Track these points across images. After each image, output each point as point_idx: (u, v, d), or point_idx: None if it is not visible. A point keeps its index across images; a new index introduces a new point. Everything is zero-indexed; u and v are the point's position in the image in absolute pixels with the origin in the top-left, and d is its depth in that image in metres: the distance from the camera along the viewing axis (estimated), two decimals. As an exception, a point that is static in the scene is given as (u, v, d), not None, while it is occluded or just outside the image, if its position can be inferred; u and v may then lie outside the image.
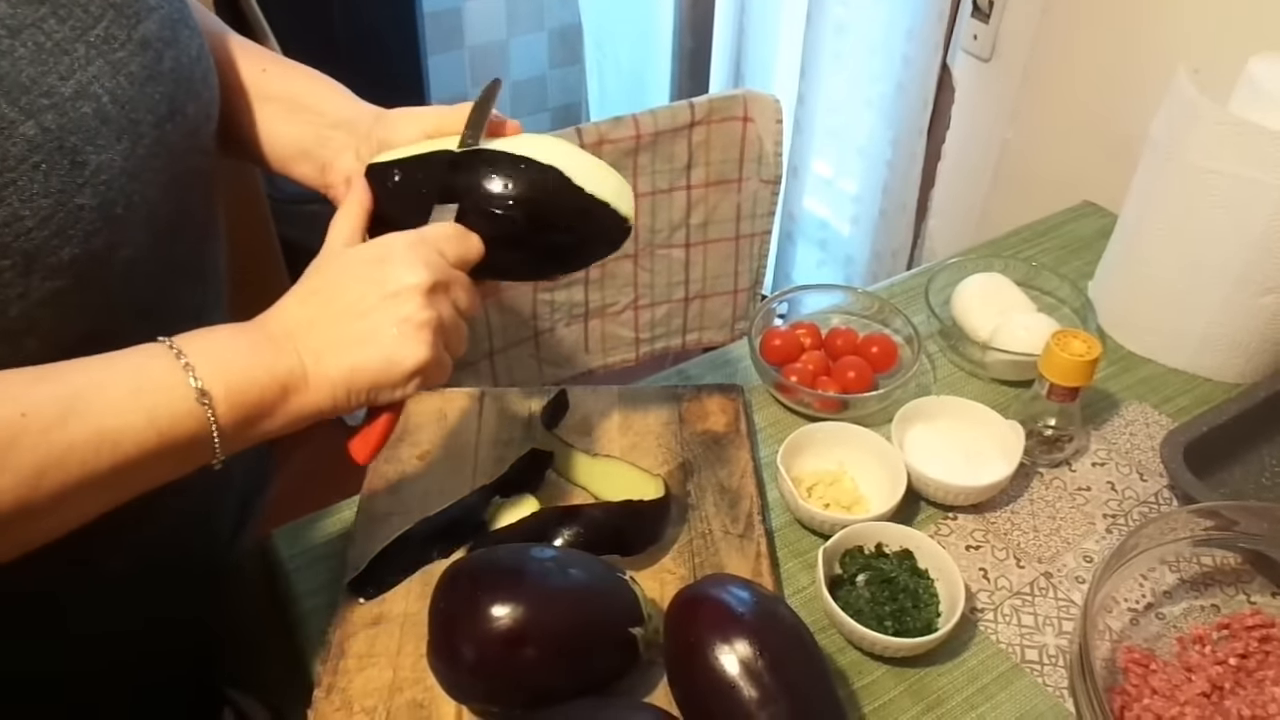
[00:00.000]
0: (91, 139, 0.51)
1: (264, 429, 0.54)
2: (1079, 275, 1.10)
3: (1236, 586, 0.78)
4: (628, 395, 0.92)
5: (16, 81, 0.48)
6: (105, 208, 0.52)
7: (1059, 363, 0.82)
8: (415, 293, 0.56)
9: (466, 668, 0.63)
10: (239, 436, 0.53)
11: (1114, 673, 0.71)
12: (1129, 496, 0.87)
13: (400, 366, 0.56)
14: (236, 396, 0.52)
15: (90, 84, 0.51)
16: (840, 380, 0.94)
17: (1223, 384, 0.98)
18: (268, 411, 0.54)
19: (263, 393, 0.53)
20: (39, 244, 0.49)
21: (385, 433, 0.60)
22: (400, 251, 0.58)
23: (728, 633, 0.61)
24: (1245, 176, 0.87)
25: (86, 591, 0.65)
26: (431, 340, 0.56)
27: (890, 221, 1.69)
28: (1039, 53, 1.39)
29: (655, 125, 1.27)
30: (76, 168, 0.50)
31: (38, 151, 0.48)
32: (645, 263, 1.40)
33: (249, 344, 0.54)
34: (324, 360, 0.55)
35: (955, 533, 0.83)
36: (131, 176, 0.53)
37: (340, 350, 0.55)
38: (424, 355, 0.56)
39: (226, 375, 0.52)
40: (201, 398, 0.51)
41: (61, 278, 0.51)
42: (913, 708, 0.70)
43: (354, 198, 0.64)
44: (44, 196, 0.48)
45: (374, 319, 0.56)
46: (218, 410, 0.51)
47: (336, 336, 0.55)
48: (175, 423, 0.50)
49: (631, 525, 0.75)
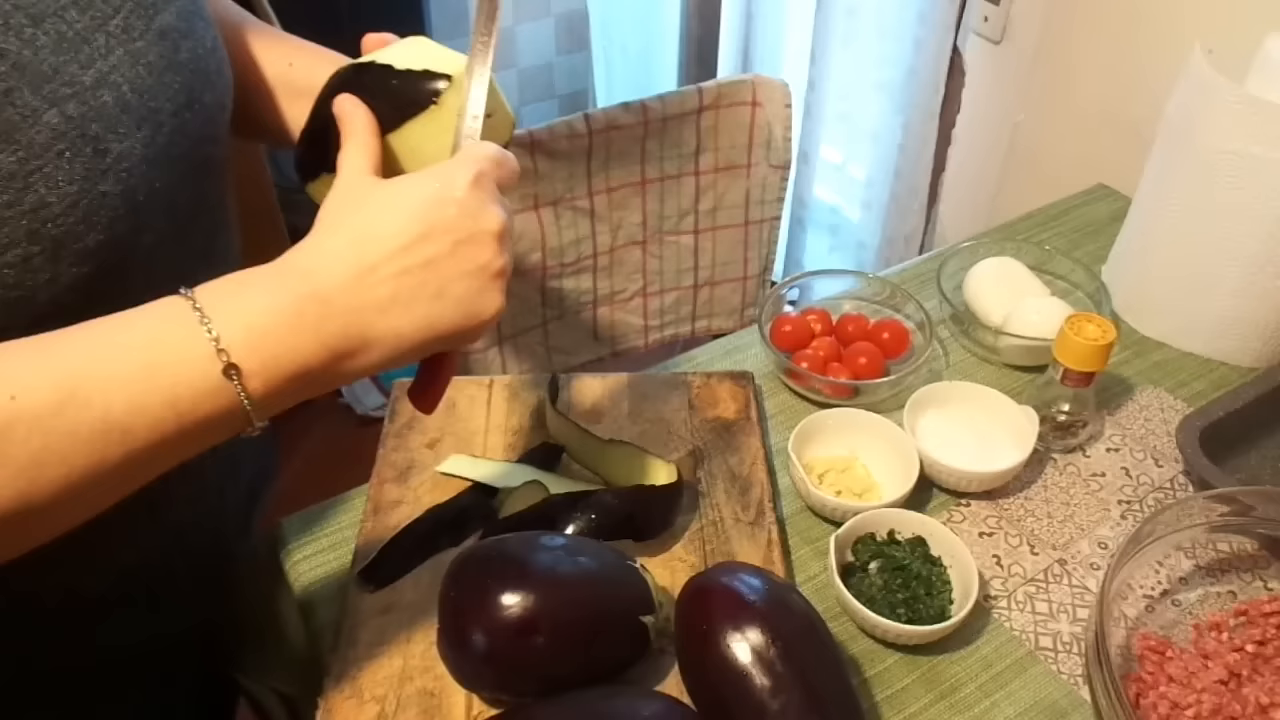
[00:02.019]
0: (113, 127, 0.51)
1: (308, 393, 0.49)
2: (1093, 259, 1.09)
3: (1254, 573, 0.78)
4: (637, 382, 0.91)
5: (39, 70, 0.48)
6: (128, 195, 0.52)
7: (1073, 347, 0.81)
8: (491, 239, 0.51)
9: (476, 656, 0.63)
10: (276, 405, 0.48)
11: (1129, 660, 0.71)
12: (1144, 482, 0.86)
13: (479, 319, 0.51)
14: (274, 369, 0.46)
15: (110, 73, 0.52)
16: (851, 366, 0.93)
17: (1239, 368, 0.97)
18: (313, 380, 0.48)
19: (308, 362, 0.47)
20: (66, 230, 0.49)
21: (447, 380, 0.57)
22: (467, 190, 0.51)
23: (739, 621, 0.60)
24: (1262, 157, 0.86)
25: (95, 584, 0.65)
26: (504, 287, 0.52)
27: (901, 206, 1.68)
28: (1050, 34, 1.37)
29: (663, 111, 1.26)
30: (99, 155, 0.50)
31: (62, 139, 0.48)
32: (654, 249, 1.40)
33: (291, 304, 0.47)
34: (391, 317, 0.49)
35: (968, 519, 0.82)
36: (151, 164, 0.54)
37: (411, 306, 0.49)
38: (500, 303, 0.52)
39: (262, 345, 0.46)
40: (229, 371, 0.45)
41: (88, 264, 0.51)
42: (925, 696, 0.70)
43: (361, 130, 0.57)
44: (69, 184, 0.49)
45: (448, 269, 0.50)
46: (248, 385, 0.45)
47: (405, 289, 0.49)
48: (199, 403, 0.45)
49: (644, 510, 0.75)
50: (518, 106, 2.52)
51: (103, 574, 0.65)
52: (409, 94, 0.58)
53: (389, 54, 0.61)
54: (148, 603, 0.70)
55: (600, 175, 1.28)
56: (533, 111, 2.53)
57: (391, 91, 0.59)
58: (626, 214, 1.34)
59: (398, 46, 0.62)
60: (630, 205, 1.33)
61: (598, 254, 1.36)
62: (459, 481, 0.81)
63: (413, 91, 0.58)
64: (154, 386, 0.44)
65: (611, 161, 1.27)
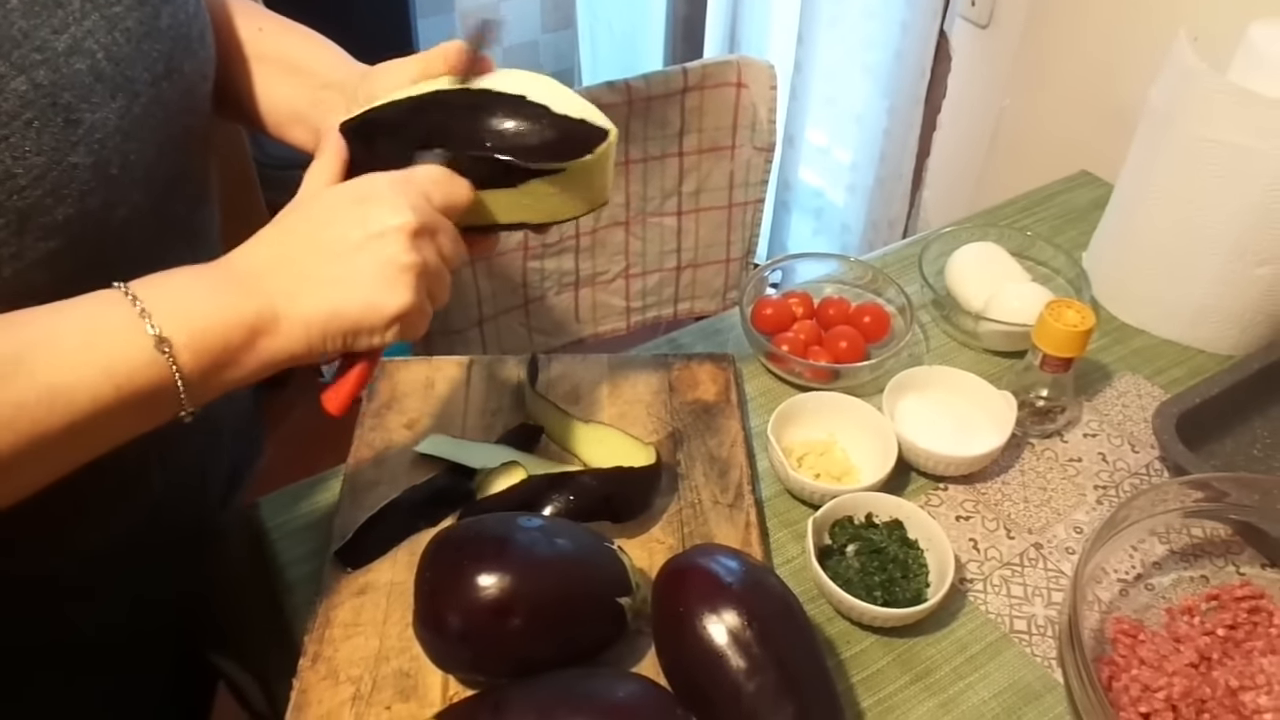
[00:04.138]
0: (86, 96, 0.50)
1: (233, 375, 0.51)
2: (1074, 245, 1.10)
3: (1226, 558, 0.78)
4: (618, 364, 0.91)
5: (7, 35, 0.46)
6: (100, 167, 0.51)
7: (1052, 333, 0.81)
8: (400, 234, 0.53)
9: (453, 637, 0.62)
10: (207, 385, 0.50)
11: (1102, 643, 0.71)
12: (1120, 468, 0.86)
13: (381, 311, 0.53)
14: (199, 342, 0.49)
15: (85, 39, 0.50)
16: (832, 350, 0.93)
17: (1216, 355, 0.98)
18: (235, 357, 0.51)
19: (228, 336, 0.50)
20: (33, 203, 0.48)
21: (360, 382, 0.57)
22: (384, 191, 0.54)
23: (716, 603, 0.60)
24: (1243, 145, 0.86)
25: (75, 560, 0.64)
26: (415, 285, 0.54)
27: (886, 190, 1.68)
28: (1037, 18, 1.37)
29: (648, 91, 1.25)
30: (70, 125, 0.49)
31: (30, 108, 0.47)
32: (637, 230, 1.39)
33: (211, 285, 0.51)
34: (299, 301, 0.52)
35: (946, 503, 0.83)
36: (126, 136, 0.52)
37: (317, 291, 0.52)
38: (407, 300, 0.53)
39: (188, 320, 0.49)
40: (160, 345, 0.47)
41: (56, 238, 0.50)
42: (901, 677, 0.70)
43: (329, 149, 0.60)
44: (37, 154, 0.47)
45: (355, 260, 0.52)
46: (179, 358, 0.48)
47: (314, 276, 0.52)
48: (134, 374, 0.47)
49: (622, 492, 0.75)
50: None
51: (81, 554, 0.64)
52: (576, 138, 0.60)
53: (532, 87, 0.61)
54: (126, 582, 0.69)
55: (583, 155, 1.27)
56: (518, 90, 2.51)
57: (558, 133, 0.60)
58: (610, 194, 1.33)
59: (520, 77, 0.62)
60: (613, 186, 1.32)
61: (580, 235, 1.35)
62: (437, 462, 0.80)
63: (579, 136, 0.60)
64: (93, 358, 0.46)
65: (595, 141, 1.26)
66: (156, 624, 0.76)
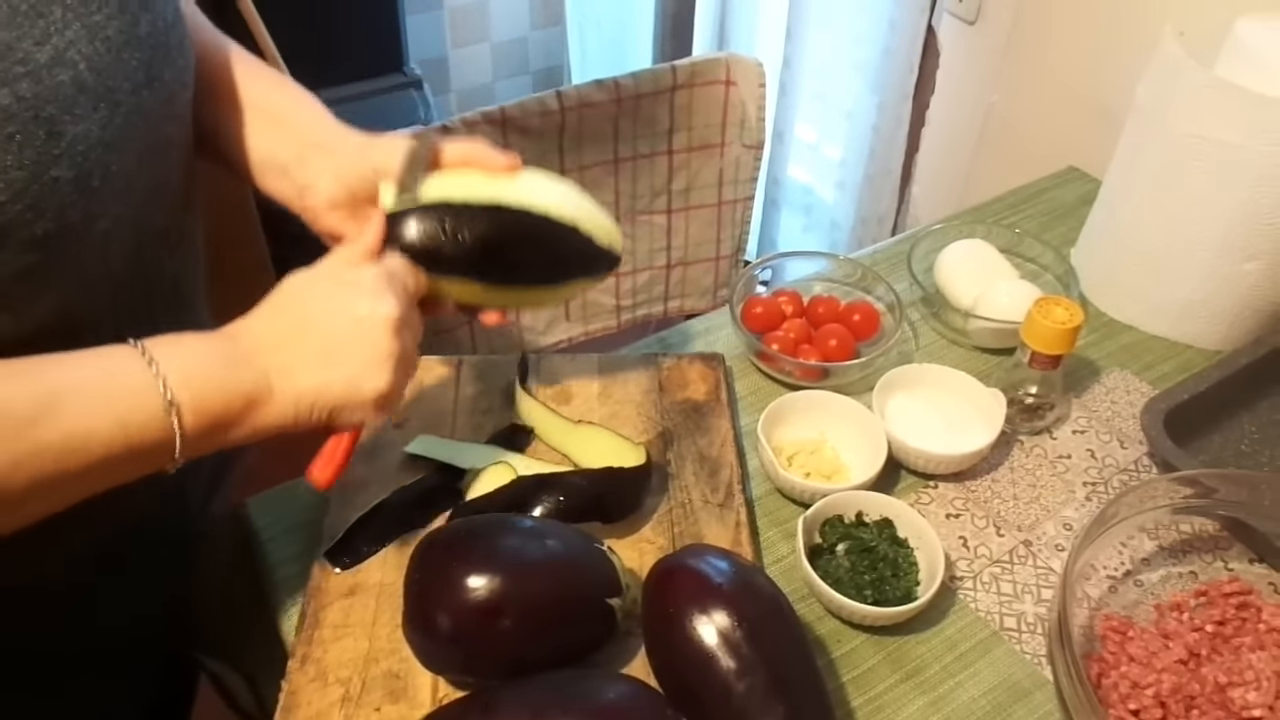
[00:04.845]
0: (69, 108, 0.49)
1: (226, 439, 0.55)
2: (1062, 242, 1.10)
3: (1215, 554, 0.79)
4: (607, 363, 0.91)
5: None
6: (81, 180, 0.50)
7: (1041, 330, 0.81)
8: (384, 323, 0.58)
9: (442, 638, 0.62)
10: (199, 445, 0.54)
11: (1092, 640, 0.71)
12: (1109, 464, 0.86)
13: (363, 392, 0.58)
14: (203, 407, 0.53)
15: (67, 49, 0.49)
16: (821, 348, 0.93)
17: (1204, 351, 0.98)
18: (232, 423, 0.55)
19: (228, 405, 0.54)
20: (12, 218, 0.47)
21: (345, 456, 0.61)
22: (372, 281, 0.59)
23: (706, 603, 0.60)
24: (1229, 141, 0.86)
25: (60, 563, 0.64)
26: (395, 370, 0.58)
27: (875, 187, 1.68)
28: (1024, 14, 1.37)
29: (637, 88, 1.25)
30: (53, 138, 0.48)
31: (12, 121, 0.46)
32: (626, 229, 1.39)
33: (219, 357, 0.55)
34: (291, 377, 0.56)
35: (935, 501, 0.83)
36: (108, 147, 0.52)
37: (307, 369, 0.56)
38: (387, 384, 0.58)
39: (195, 386, 0.53)
40: (170, 408, 0.51)
41: (35, 252, 0.49)
42: (891, 676, 0.70)
43: (372, 235, 0.63)
44: (18, 169, 0.47)
45: (342, 342, 0.57)
46: (184, 420, 0.52)
47: (305, 354, 0.57)
48: (144, 430, 0.51)
49: (613, 492, 0.75)
50: (491, 82, 2.49)
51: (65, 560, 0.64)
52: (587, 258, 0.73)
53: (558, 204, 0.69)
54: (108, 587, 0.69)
55: (572, 153, 1.27)
56: (506, 87, 2.51)
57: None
58: (599, 193, 1.32)
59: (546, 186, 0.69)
60: (603, 184, 1.32)
61: (570, 233, 1.35)
62: (426, 462, 0.80)
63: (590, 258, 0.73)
64: (111, 410, 0.50)
65: (584, 140, 1.26)
66: (144, 627, 0.76)
